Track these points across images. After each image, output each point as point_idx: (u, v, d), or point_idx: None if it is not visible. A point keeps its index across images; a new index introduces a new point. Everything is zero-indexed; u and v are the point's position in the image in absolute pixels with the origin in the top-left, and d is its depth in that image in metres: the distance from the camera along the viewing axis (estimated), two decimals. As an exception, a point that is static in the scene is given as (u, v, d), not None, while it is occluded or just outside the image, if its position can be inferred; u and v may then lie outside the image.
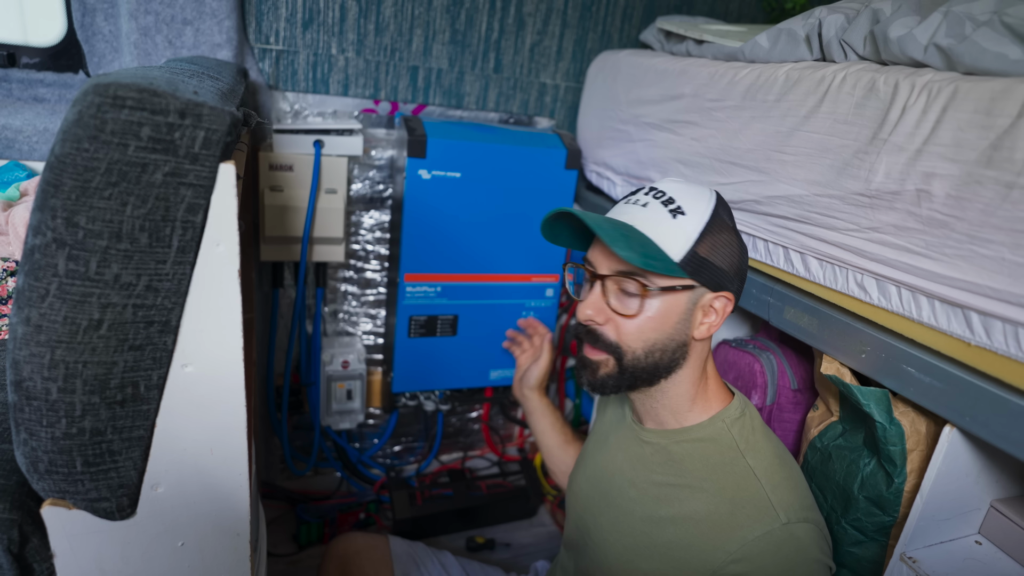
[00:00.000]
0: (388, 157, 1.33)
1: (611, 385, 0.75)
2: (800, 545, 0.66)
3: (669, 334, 0.72)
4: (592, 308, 0.73)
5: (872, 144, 0.67)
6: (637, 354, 0.72)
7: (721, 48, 0.97)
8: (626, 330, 0.72)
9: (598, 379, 0.75)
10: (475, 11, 1.28)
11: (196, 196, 0.52)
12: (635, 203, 0.74)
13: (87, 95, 0.46)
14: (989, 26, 0.58)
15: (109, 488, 0.57)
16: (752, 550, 0.66)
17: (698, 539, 0.70)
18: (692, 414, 0.76)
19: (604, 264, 0.73)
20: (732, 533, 0.67)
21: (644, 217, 0.71)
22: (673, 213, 0.70)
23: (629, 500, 0.79)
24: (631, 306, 0.71)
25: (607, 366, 0.74)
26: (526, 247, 1.31)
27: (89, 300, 0.50)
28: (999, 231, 0.55)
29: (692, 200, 0.71)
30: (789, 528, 0.66)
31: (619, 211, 0.75)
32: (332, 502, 1.47)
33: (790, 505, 0.67)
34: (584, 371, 0.77)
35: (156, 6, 1.02)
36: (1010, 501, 0.71)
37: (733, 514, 0.68)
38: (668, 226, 0.70)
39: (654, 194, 0.73)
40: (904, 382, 0.67)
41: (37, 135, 1.02)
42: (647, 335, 0.72)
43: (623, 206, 0.75)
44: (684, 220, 0.70)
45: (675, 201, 0.71)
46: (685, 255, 0.69)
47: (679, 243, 0.69)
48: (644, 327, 0.71)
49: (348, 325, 1.46)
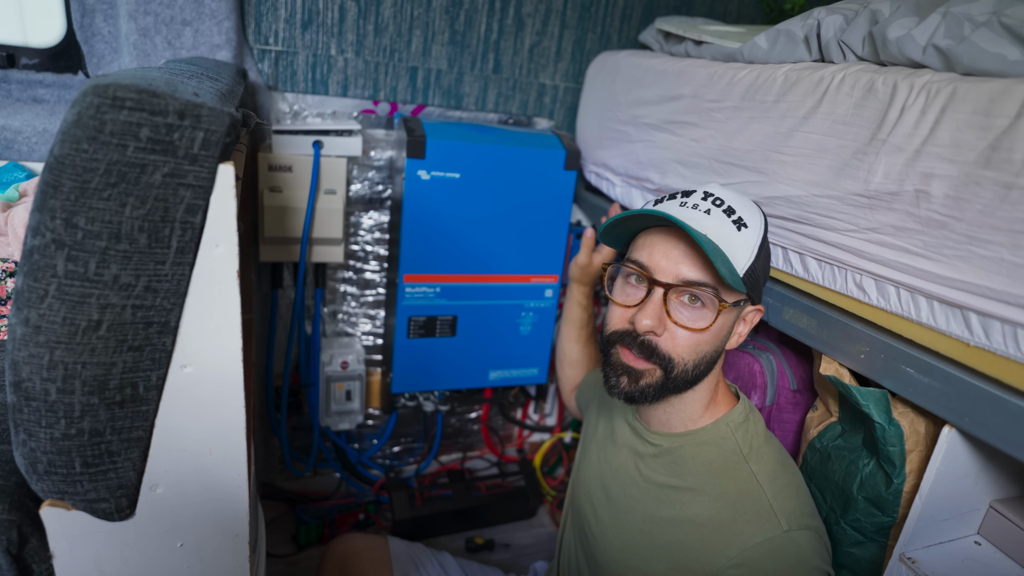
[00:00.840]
0: (387, 158, 1.33)
1: (651, 395, 0.71)
2: (800, 552, 0.66)
3: (717, 347, 0.71)
4: (653, 318, 0.68)
5: (871, 145, 0.67)
6: (687, 366, 0.70)
7: (720, 49, 0.97)
8: (683, 343, 0.69)
9: (638, 388, 0.71)
10: (474, 12, 1.28)
11: (195, 197, 0.52)
12: (695, 208, 0.70)
13: (86, 96, 0.46)
14: (988, 27, 0.58)
15: (108, 489, 0.57)
16: (752, 556, 0.66)
17: (699, 542, 0.70)
18: (701, 419, 0.76)
19: (669, 272, 0.69)
20: (733, 538, 0.67)
21: (712, 226, 0.69)
22: (737, 225, 0.69)
23: (630, 499, 0.79)
24: (701, 320, 0.68)
25: (652, 376, 0.71)
26: (525, 248, 1.30)
27: (88, 301, 0.50)
28: (998, 232, 0.55)
29: (749, 212, 0.71)
30: (790, 535, 0.66)
31: (680, 214, 0.70)
32: (331, 503, 1.47)
33: (792, 512, 0.67)
34: (620, 378, 0.72)
35: (155, 7, 1.02)
36: (1009, 502, 0.71)
37: (734, 519, 0.68)
38: (735, 239, 0.68)
39: (713, 201, 0.71)
40: (903, 383, 0.67)
41: (36, 136, 1.02)
42: (703, 348, 0.70)
43: (682, 210, 0.71)
44: (747, 233, 0.69)
45: (735, 212, 0.70)
46: (747, 270, 0.68)
47: (744, 257, 0.68)
48: (702, 340, 0.69)
49: (347, 326, 1.45)
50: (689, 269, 0.68)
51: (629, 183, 1.18)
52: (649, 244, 0.72)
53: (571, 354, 1.18)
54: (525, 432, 1.73)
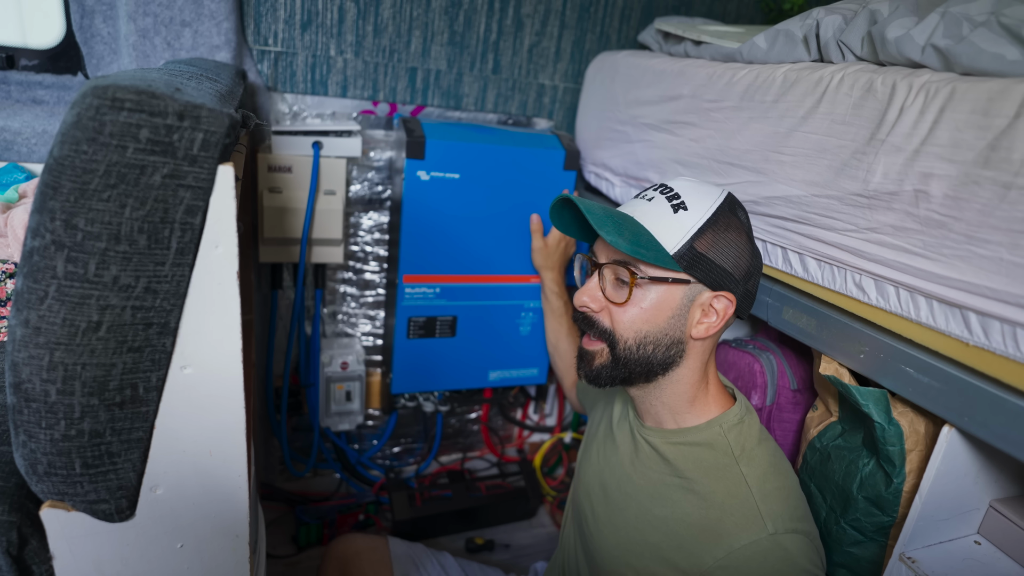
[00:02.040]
0: (387, 158, 1.33)
1: (606, 376, 0.76)
2: (787, 556, 0.66)
3: (662, 328, 0.72)
4: (587, 295, 0.75)
5: (870, 144, 0.67)
6: (629, 344, 0.73)
7: (719, 49, 0.97)
8: (619, 319, 0.73)
9: (594, 369, 0.77)
10: (473, 12, 1.28)
11: (195, 198, 0.52)
12: (642, 198, 0.75)
13: (86, 97, 0.46)
14: (986, 27, 0.58)
15: (108, 490, 0.57)
16: (738, 558, 0.66)
17: (687, 541, 0.70)
18: (690, 416, 0.76)
19: (603, 254, 0.75)
20: (719, 539, 0.68)
21: (645, 210, 0.73)
22: (675, 208, 0.71)
23: (625, 496, 0.80)
24: (621, 294, 0.73)
25: (602, 356, 0.76)
26: (525, 248, 1.30)
27: (88, 302, 0.50)
28: (997, 231, 0.55)
29: (697, 197, 0.72)
30: (776, 538, 0.66)
31: (626, 205, 0.76)
32: (331, 503, 1.47)
33: (779, 515, 0.67)
34: (582, 362, 0.79)
35: (155, 8, 1.02)
36: (1009, 501, 0.71)
37: (721, 520, 0.69)
38: (668, 219, 0.71)
39: (662, 190, 0.74)
40: (903, 382, 0.67)
41: (36, 137, 1.02)
42: (639, 326, 0.72)
43: (631, 201, 0.77)
44: (685, 215, 0.71)
45: (680, 197, 0.72)
46: (681, 247, 0.70)
47: (676, 236, 0.70)
48: (636, 317, 0.72)
49: (347, 326, 1.46)
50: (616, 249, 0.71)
51: (628, 183, 1.18)
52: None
53: (562, 348, 1.20)
54: (525, 432, 1.73)
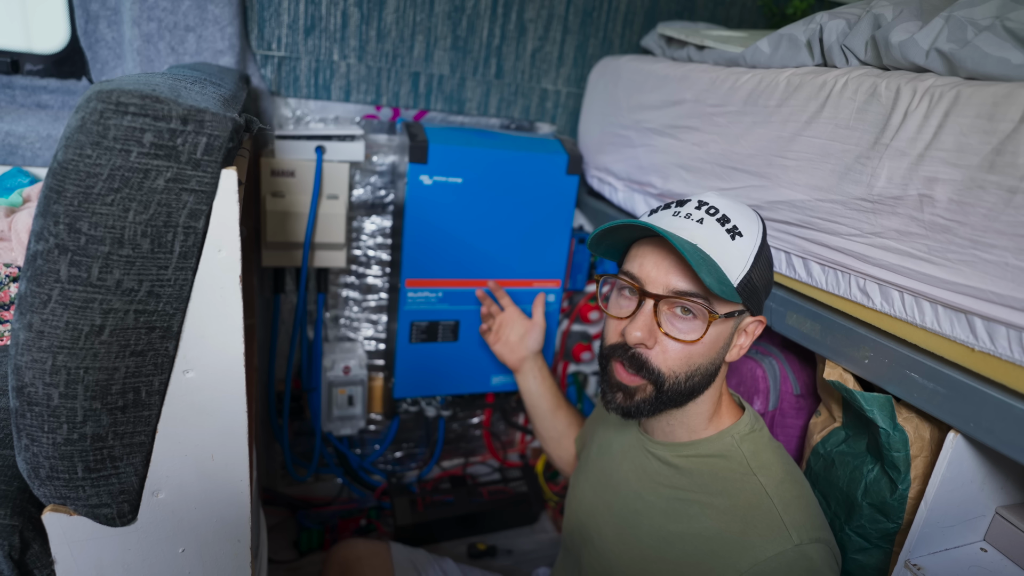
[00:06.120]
0: (389, 163, 1.33)
1: (646, 411, 0.71)
2: (812, 566, 0.65)
3: (713, 359, 0.70)
4: (643, 330, 0.67)
5: (874, 149, 0.66)
6: (679, 379, 0.69)
7: (722, 54, 0.97)
8: (674, 356, 0.68)
9: (633, 404, 0.71)
10: (476, 17, 1.28)
11: (198, 202, 0.52)
12: (687, 217, 0.69)
13: (90, 101, 0.46)
14: (991, 31, 0.58)
15: (110, 494, 0.57)
16: (764, 570, 0.65)
17: (708, 556, 0.69)
18: (706, 430, 0.75)
19: (659, 283, 0.68)
20: (744, 553, 0.66)
21: (704, 236, 0.67)
22: (731, 234, 0.67)
23: (635, 513, 0.78)
24: (692, 332, 0.67)
25: (644, 392, 0.70)
26: (527, 252, 1.30)
27: (91, 306, 0.50)
28: (1002, 236, 0.55)
29: (745, 220, 0.69)
30: (801, 549, 0.65)
31: (672, 224, 0.69)
32: (333, 508, 1.46)
33: (802, 525, 0.66)
34: (616, 394, 0.72)
35: (159, 13, 1.02)
36: (1016, 508, 0.71)
37: (745, 533, 0.67)
38: (728, 248, 0.67)
39: (707, 210, 0.69)
40: (907, 388, 0.66)
41: (40, 141, 1.03)
42: (695, 360, 0.68)
43: (674, 219, 0.70)
44: (742, 242, 0.67)
45: (730, 220, 0.68)
46: (742, 280, 0.67)
47: (738, 267, 0.67)
48: (695, 353, 0.68)
49: (349, 331, 1.45)
50: (679, 280, 0.67)
51: (631, 188, 1.18)
52: (640, 255, 0.71)
53: (565, 443, 1.10)
54: (527, 437, 1.72)
